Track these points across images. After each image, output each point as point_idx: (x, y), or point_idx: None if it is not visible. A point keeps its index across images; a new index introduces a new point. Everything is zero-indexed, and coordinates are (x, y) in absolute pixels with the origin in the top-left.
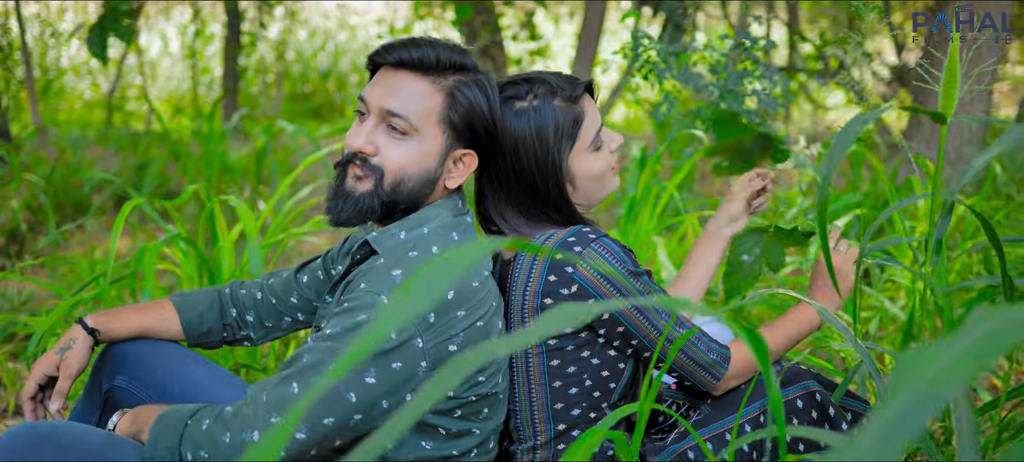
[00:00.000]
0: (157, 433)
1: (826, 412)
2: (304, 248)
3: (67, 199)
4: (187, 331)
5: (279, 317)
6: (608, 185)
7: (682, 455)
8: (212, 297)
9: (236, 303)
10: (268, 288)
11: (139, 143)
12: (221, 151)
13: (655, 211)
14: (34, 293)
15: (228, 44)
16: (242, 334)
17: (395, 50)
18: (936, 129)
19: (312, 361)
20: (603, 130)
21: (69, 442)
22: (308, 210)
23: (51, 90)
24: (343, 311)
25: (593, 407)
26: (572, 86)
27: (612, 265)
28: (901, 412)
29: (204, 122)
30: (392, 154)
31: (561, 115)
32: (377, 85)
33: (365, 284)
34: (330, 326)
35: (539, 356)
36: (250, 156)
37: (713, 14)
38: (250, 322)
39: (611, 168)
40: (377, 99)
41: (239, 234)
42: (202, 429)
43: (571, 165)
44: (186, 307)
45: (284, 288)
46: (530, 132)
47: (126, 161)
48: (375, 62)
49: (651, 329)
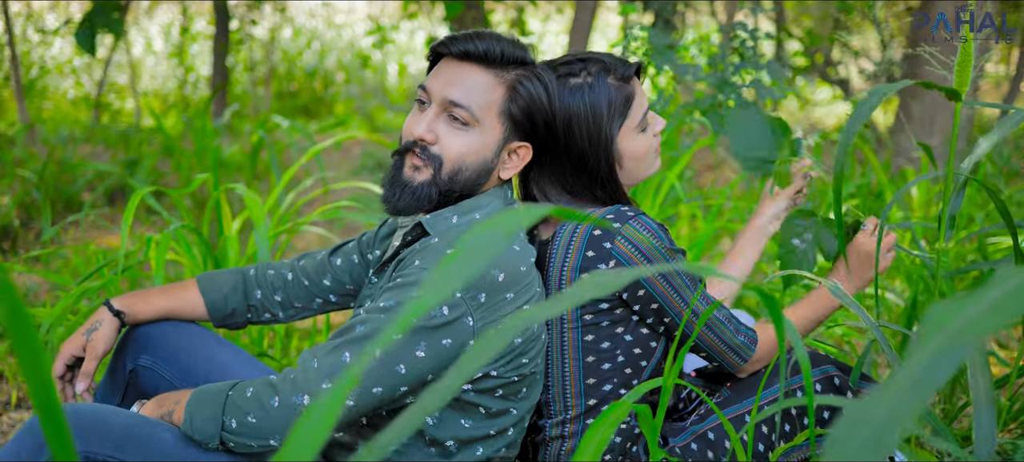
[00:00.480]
0: (194, 406)
1: (844, 396)
2: (305, 240)
3: (59, 195)
4: (212, 312)
5: (310, 298)
6: (651, 166)
7: (702, 436)
8: (236, 278)
9: (262, 284)
10: (300, 269)
11: (130, 140)
12: (215, 147)
13: (656, 200)
14: (32, 286)
15: (217, 41)
16: (267, 316)
17: (460, 41)
18: (924, 123)
19: (365, 331)
20: (649, 113)
21: (89, 423)
22: (303, 207)
23: (35, 89)
24: (396, 286)
25: (624, 384)
26: (624, 66)
27: (648, 239)
28: (927, 363)
29: (195, 118)
30: (452, 144)
31: (614, 93)
32: (440, 75)
33: (419, 261)
34: (383, 299)
35: (574, 331)
36: (242, 152)
37: (701, 11)
38: (278, 302)
39: (654, 150)
40: (440, 89)
41: (242, 225)
42: (247, 395)
43: (619, 143)
44: (211, 288)
45: (317, 270)
46: (585, 107)
47: (116, 158)
48: (438, 53)
49: (684, 306)
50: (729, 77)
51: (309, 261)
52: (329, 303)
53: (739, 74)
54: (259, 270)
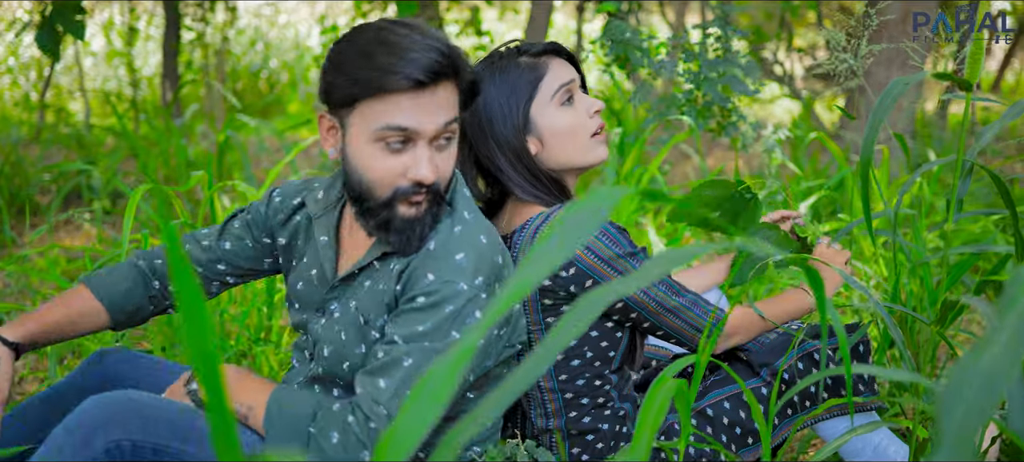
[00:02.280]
0: (275, 432)
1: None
2: None
3: (12, 199)
4: (114, 313)
5: (206, 284)
6: (587, 149)
7: (718, 404)
8: (131, 272)
9: (156, 274)
10: (189, 255)
11: (84, 140)
12: (181, 146)
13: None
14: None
15: (167, 41)
16: (167, 304)
17: (419, 70)
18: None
19: (416, 364)
20: (578, 92)
21: (150, 411)
22: None
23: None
24: (424, 308)
25: (596, 375)
26: (533, 45)
27: (608, 246)
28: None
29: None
30: (445, 165)
31: (523, 70)
32: (418, 108)
33: (433, 275)
34: (415, 323)
35: (539, 333)
36: (205, 152)
37: (651, 10)
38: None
39: (589, 133)
40: (429, 121)
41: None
42: (333, 442)
43: (535, 118)
44: (107, 288)
45: (208, 256)
46: (496, 86)
47: (69, 159)
48: (378, 88)
49: (650, 302)
50: (707, 73)
51: (193, 247)
52: (226, 285)
53: (716, 70)
54: (147, 259)
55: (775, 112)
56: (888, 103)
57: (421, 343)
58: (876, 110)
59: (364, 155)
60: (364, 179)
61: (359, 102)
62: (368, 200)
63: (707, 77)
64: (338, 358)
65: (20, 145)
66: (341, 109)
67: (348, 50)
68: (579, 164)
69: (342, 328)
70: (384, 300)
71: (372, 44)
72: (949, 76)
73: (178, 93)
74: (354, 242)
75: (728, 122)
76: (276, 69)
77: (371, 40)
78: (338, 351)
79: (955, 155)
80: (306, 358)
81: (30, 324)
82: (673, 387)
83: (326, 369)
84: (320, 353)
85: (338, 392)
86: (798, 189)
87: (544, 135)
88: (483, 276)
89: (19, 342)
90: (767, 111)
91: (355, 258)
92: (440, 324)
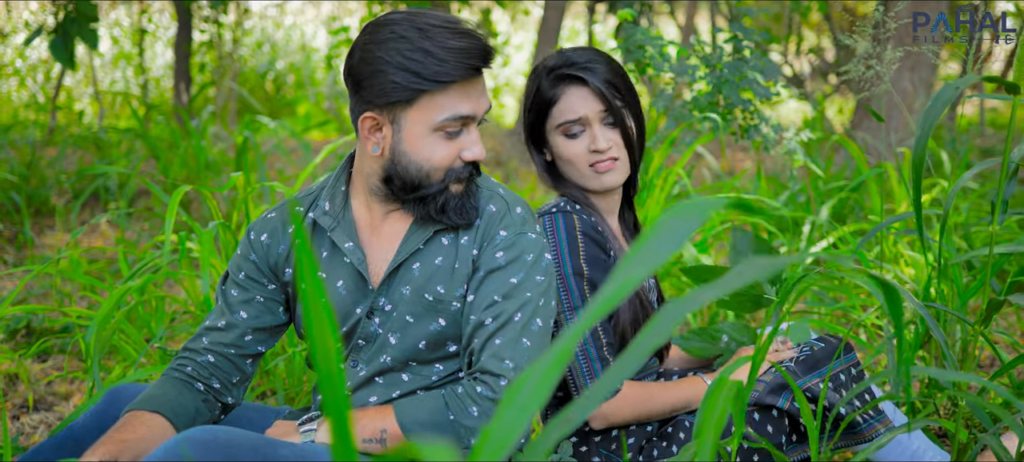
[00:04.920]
0: (412, 430)
1: (862, 377)
2: None
3: (29, 200)
4: (180, 426)
5: (243, 364)
6: (586, 177)
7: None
8: (186, 390)
9: (203, 377)
10: (216, 346)
11: (101, 142)
12: (202, 148)
13: (661, 195)
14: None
15: (179, 43)
16: (220, 403)
17: (475, 58)
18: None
19: (525, 316)
20: (593, 126)
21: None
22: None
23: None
24: (507, 263)
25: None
26: (556, 66)
27: (549, 249)
28: None
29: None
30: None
31: (539, 88)
32: (469, 95)
33: (505, 231)
34: (507, 278)
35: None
36: (222, 153)
37: (661, 12)
38: (221, 388)
39: (588, 164)
40: (480, 105)
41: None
42: (473, 415)
43: (548, 135)
44: (177, 412)
45: (234, 336)
46: (527, 88)
47: (83, 160)
48: (448, 79)
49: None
50: (729, 76)
51: (216, 336)
52: (259, 356)
53: (738, 73)
54: (182, 372)
55: (782, 113)
56: (938, 107)
57: (523, 296)
58: (927, 114)
59: (425, 146)
60: (424, 168)
61: (420, 97)
62: (424, 187)
63: (728, 80)
64: (412, 340)
65: (35, 147)
66: (395, 107)
67: (393, 48)
68: (586, 187)
69: (405, 313)
70: (459, 271)
71: (419, 38)
72: (999, 80)
73: (196, 96)
74: (380, 238)
75: (750, 125)
76: (282, 71)
77: (414, 35)
78: (410, 334)
79: (1000, 158)
80: (350, 365)
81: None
82: (734, 388)
83: (397, 357)
84: (382, 345)
85: (408, 377)
86: (819, 191)
87: (553, 151)
88: (535, 223)
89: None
90: (775, 112)
91: (387, 251)
92: (528, 272)
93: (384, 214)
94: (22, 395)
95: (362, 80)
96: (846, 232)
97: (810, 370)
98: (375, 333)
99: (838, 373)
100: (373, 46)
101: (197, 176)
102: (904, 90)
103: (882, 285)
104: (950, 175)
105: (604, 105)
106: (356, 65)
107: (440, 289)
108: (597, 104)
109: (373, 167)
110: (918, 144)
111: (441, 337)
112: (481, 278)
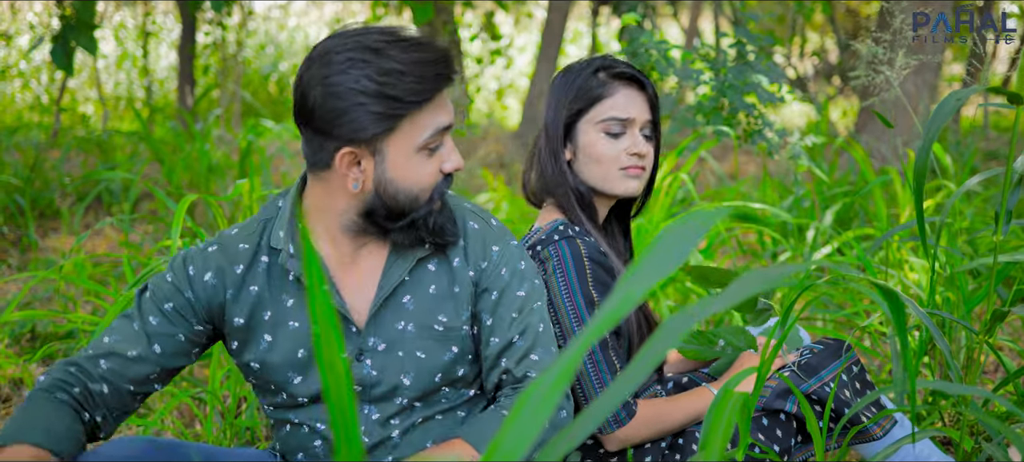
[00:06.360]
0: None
1: (864, 376)
2: None
3: (34, 203)
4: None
5: (132, 400)
6: (611, 179)
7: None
8: (72, 418)
9: (89, 407)
10: (114, 377)
11: (104, 145)
12: (205, 151)
13: (666, 201)
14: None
15: (183, 46)
16: (102, 432)
17: (441, 66)
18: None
19: (545, 324)
20: (633, 131)
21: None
22: None
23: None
24: (511, 278)
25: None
26: (614, 63)
27: (556, 277)
28: None
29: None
30: None
31: (586, 80)
32: (443, 105)
33: (497, 247)
34: (515, 292)
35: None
36: (226, 156)
37: (665, 14)
38: (102, 422)
39: (619, 166)
40: (451, 113)
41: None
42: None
43: (579, 131)
44: (57, 439)
45: (137, 370)
46: (566, 80)
47: (87, 163)
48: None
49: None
50: (733, 80)
51: (116, 364)
52: (146, 396)
53: (743, 77)
54: (68, 389)
55: (786, 116)
56: (941, 119)
57: (533, 305)
58: (929, 126)
59: (411, 169)
60: (412, 192)
61: (402, 120)
62: (414, 211)
63: (732, 84)
64: (427, 375)
65: (39, 149)
66: (376, 138)
67: (359, 76)
68: (603, 190)
69: (414, 349)
70: (460, 294)
71: (379, 59)
72: (1002, 91)
73: (200, 98)
74: (354, 275)
75: (754, 130)
76: (286, 72)
77: (371, 57)
78: (425, 369)
79: (1003, 162)
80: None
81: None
82: (740, 399)
83: (412, 396)
84: (396, 387)
85: (420, 405)
86: (823, 196)
87: (579, 148)
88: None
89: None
90: (779, 116)
91: (365, 288)
92: (530, 282)
93: (354, 250)
94: (23, 398)
95: (333, 118)
96: (850, 237)
97: (812, 374)
98: (369, 376)
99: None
100: (336, 78)
101: (201, 180)
102: (908, 92)
103: (885, 293)
104: (954, 178)
105: (652, 116)
106: (321, 102)
107: (443, 318)
108: (647, 112)
109: (350, 203)
110: (920, 156)
111: (453, 364)
112: (495, 300)
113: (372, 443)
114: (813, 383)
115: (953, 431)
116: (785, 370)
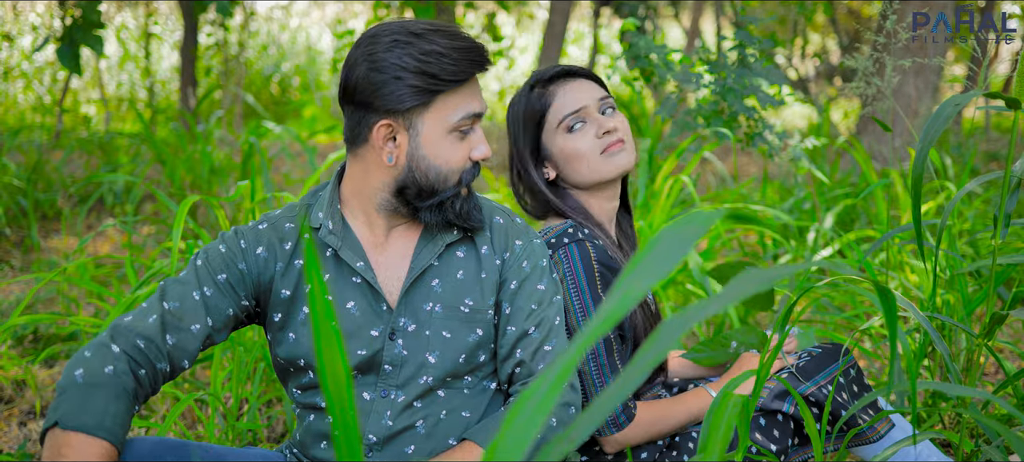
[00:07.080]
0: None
1: (862, 380)
2: None
3: (36, 204)
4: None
5: (193, 352)
6: (599, 166)
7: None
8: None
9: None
10: (177, 354)
11: (107, 146)
12: (207, 153)
13: (667, 202)
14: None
15: (185, 47)
16: (151, 391)
17: (477, 55)
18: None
19: (561, 318)
20: (591, 115)
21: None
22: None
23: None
24: (532, 272)
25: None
26: (542, 73)
27: (565, 279)
28: None
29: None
30: None
31: (528, 103)
32: (475, 93)
33: (520, 241)
34: (535, 285)
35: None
36: (227, 157)
37: (666, 15)
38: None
39: (599, 151)
40: (482, 103)
41: None
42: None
43: (547, 146)
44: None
45: (195, 347)
46: (509, 117)
47: (90, 164)
48: (463, 77)
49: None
50: (733, 84)
51: (181, 340)
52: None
53: (744, 80)
54: (143, 375)
55: (787, 117)
56: (940, 125)
57: (550, 299)
58: (927, 132)
59: (442, 148)
60: (442, 171)
61: (437, 97)
62: (442, 191)
63: (732, 88)
64: (452, 355)
65: (42, 150)
66: (411, 111)
67: (403, 53)
68: (596, 181)
69: (441, 328)
70: (487, 280)
71: (422, 42)
72: (1000, 96)
73: (202, 99)
74: (386, 256)
75: (755, 132)
76: (288, 73)
77: (415, 40)
78: (450, 349)
79: (1002, 164)
80: (381, 395)
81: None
82: (739, 402)
83: (437, 376)
84: (421, 366)
85: (443, 393)
86: (824, 198)
87: (556, 160)
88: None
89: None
90: (779, 115)
91: (397, 269)
92: (549, 276)
93: (387, 231)
94: (29, 401)
95: (375, 89)
96: (851, 239)
97: (810, 376)
98: (400, 355)
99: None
100: (381, 54)
101: (203, 181)
102: (908, 95)
103: (879, 290)
104: (955, 180)
105: (603, 91)
106: (364, 76)
107: (469, 301)
108: (596, 91)
109: (383, 180)
110: (917, 162)
111: (477, 348)
112: (514, 290)
113: (396, 429)
114: (811, 386)
115: (953, 434)
116: (784, 372)
